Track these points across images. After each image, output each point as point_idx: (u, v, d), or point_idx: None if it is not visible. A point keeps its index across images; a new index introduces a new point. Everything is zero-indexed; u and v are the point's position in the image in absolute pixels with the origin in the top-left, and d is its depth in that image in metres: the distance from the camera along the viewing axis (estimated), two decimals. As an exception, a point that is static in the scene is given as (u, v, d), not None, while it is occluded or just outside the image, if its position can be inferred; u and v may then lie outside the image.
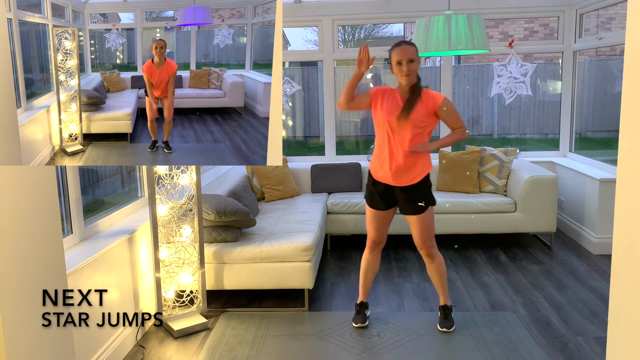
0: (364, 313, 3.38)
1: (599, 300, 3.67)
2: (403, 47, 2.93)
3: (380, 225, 3.26)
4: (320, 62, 5.77)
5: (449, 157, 5.14)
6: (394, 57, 2.95)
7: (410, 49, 2.94)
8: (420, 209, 3.12)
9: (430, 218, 3.17)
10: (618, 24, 9.64)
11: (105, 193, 4.09)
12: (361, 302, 3.42)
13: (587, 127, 9.60)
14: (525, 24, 11.55)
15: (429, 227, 3.18)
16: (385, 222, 3.27)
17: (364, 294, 3.43)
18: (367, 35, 15.10)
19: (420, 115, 2.99)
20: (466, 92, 10.30)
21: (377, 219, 3.24)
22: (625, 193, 1.47)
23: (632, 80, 1.41)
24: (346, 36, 14.88)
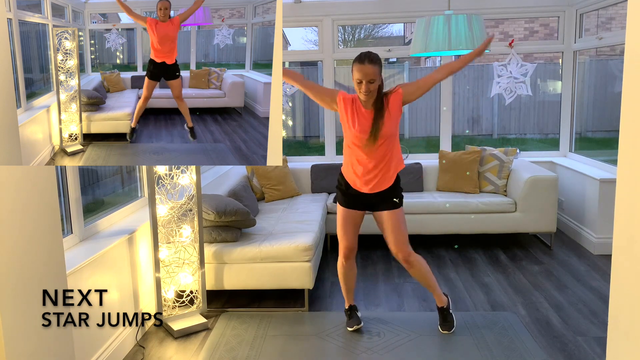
0: (356, 315, 3.36)
1: (599, 300, 3.67)
2: (365, 65, 2.82)
3: (353, 227, 3.17)
4: (320, 62, 5.77)
5: (449, 157, 5.14)
6: (354, 73, 2.86)
7: (371, 70, 2.81)
8: (394, 205, 3.09)
9: (403, 216, 3.14)
10: (618, 24, 9.64)
11: (105, 193, 4.09)
12: (350, 306, 3.40)
13: (587, 127, 9.61)
14: (525, 24, 11.55)
15: (402, 225, 3.11)
16: (357, 225, 3.20)
17: (350, 298, 3.40)
18: (367, 35, 15.10)
19: (389, 125, 2.94)
20: (466, 92, 10.30)
21: (351, 221, 3.16)
22: (625, 193, 1.47)
23: (632, 80, 1.41)
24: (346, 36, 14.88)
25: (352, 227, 3.19)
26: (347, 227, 3.18)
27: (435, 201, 4.80)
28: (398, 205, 3.10)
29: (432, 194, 5.06)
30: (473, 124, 10.40)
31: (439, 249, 4.85)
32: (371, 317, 3.47)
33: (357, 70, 2.84)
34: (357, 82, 2.86)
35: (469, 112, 10.43)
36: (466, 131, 10.45)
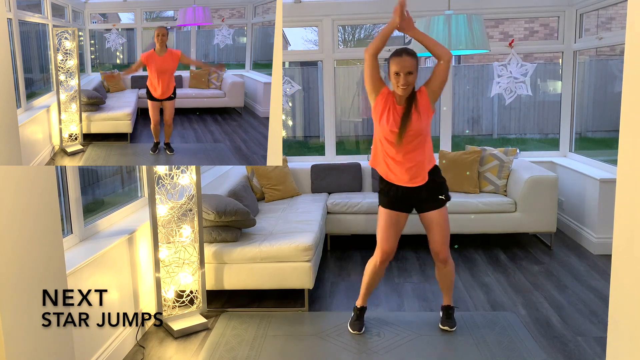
0: (362, 319, 3.32)
1: (599, 300, 3.67)
2: (403, 57, 2.83)
3: (396, 231, 3.10)
4: (320, 62, 5.77)
5: (449, 157, 5.14)
6: (392, 67, 2.86)
7: (409, 61, 2.82)
8: (440, 203, 3.06)
9: (447, 215, 3.11)
10: (618, 24, 9.64)
11: (105, 193, 4.09)
12: (362, 307, 3.34)
13: (587, 127, 9.61)
14: (525, 24, 11.55)
15: (447, 225, 3.11)
16: (400, 228, 3.13)
17: (365, 299, 3.34)
18: (367, 35, 15.10)
19: (418, 123, 2.91)
20: (466, 92, 10.30)
21: (394, 224, 3.09)
22: (625, 193, 1.47)
23: (632, 80, 1.41)
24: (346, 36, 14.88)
25: (395, 231, 3.11)
26: (390, 230, 3.09)
27: (435, 201, 4.80)
28: (444, 203, 3.08)
29: (432, 194, 5.06)
30: (473, 124, 10.40)
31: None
32: (371, 317, 3.47)
33: (395, 63, 2.84)
34: (394, 74, 2.85)
35: (469, 112, 10.43)
36: (466, 131, 10.45)
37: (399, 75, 2.83)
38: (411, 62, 2.84)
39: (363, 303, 3.35)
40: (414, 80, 2.87)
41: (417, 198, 3.07)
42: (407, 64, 2.82)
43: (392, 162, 2.99)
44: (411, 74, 2.83)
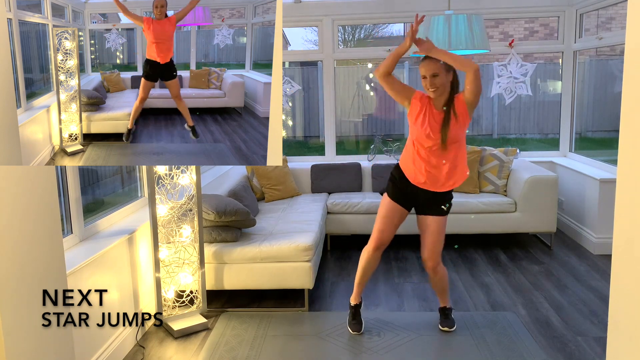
0: (359, 318, 3.32)
1: (599, 300, 3.67)
2: (426, 61, 2.90)
3: (395, 223, 3.15)
4: (320, 62, 5.77)
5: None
6: (421, 71, 2.93)
7: (432, 64, 2.87)
8: (441, 212, 3.09)
9: (445, 226, 3.14)
10: (618, 24, 9.65)
11: (105, 193, 4.09)
12: (357, 304, 3.34)
13: (587, 127, 9.61)
14: (525, 24, 11.55)
15: (443, 234, 3.13)
16: (399, 222, 3.17)
17: (359, 294, 3.35)
18: (367, 35, 15.10)
19: (455, 129, 2.92)
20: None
21: (394, 216, 3.12)
22: (625, 193, 1.47)
23: (632, 80, 1.41)
24: (346, 36, 14.88)
25: (393, 223, 3.15)
26: (389, 221, 3.13)
27: (435, 201, 4.80)
28: (445, 213, 3.10)
29: (432, 194, 5.06)
30: (473, 124, 10.40)
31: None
32: (371, 317, 3.47)
33: (421, 67, 2.93)
34: (423, 79, 2.92)
35: (468, 112, 10.42)
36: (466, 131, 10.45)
37: (425, 78, 2.90)
38: (435, 65, 2.87)
39: (357, 299, 3.35)
40: (441, 83, 2.88)
41: (421, 199, 3.08)
42: (430, 65, 2.87)
43: (422, 165, 2.98)
44: (436, 76, 2.86)
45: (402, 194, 3.10)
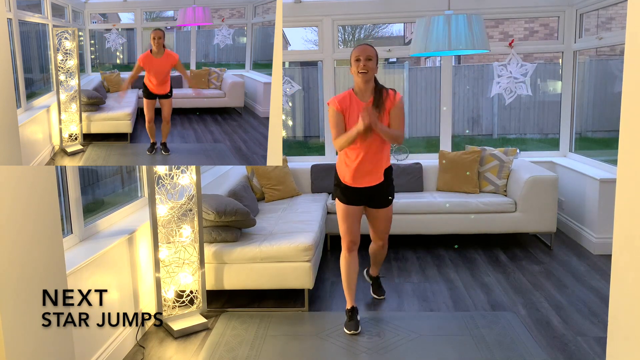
0: (356, 319, 3.34)
1: (599, 300, 3.67)
2: (362, 46, 3.07)
3: (355, 222, 3.32)
4: (320, 62, 5.77)
5: (449, 157, 5.14)
6: (353, 55, 3.06)
7: (369, 49, 3.05)
8: (388, 202, 3.35)
9: (391, 210, 3.44)
10: (618, 24, 9.65)
11: (105, 193, 4.09)
12: (352, 307, 3.37)
13: (587, 127, 9.61)
14: (525, 24, 11.55)
15: (390, 219, 3.45)
16: (359, 219, 3.35)
17: (352, 297, 3.39)
18: (367, 35, 15.10)
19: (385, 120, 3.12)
20: (466, 92, 10.30)
21: (353, 216, 3.30)
22: (625, 193, 1.47)
23: (632, 80, 1.41)
24: (346, 36, 14.88)
25: (355, 222, 3.33)
26: (350, 222, 3.31)
27: (435, 201, 4.80)
28: (390, 202, 3.38)
29: (432, 194, 5.06)
30: (473, 124, 10.41)
31: (439, 249, 4.85)
32: (371, 317, 3.47)
33: (356, 51, 3.07)
34: (355, 61, 3.06)
35: (469, 112, 10.43)
36: (466, 131, 10.45)
37: (359, 61, 3.04)
38: (371, 50, 3.07)
39: (351, 303, 3.40)
40: (373, 67, 3.06)
41: (369, 196, 3.29)
42: (367, 50, 3.06)
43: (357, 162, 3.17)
44: (370, 60, 3.04)
45: (348, 196, 3.29)
